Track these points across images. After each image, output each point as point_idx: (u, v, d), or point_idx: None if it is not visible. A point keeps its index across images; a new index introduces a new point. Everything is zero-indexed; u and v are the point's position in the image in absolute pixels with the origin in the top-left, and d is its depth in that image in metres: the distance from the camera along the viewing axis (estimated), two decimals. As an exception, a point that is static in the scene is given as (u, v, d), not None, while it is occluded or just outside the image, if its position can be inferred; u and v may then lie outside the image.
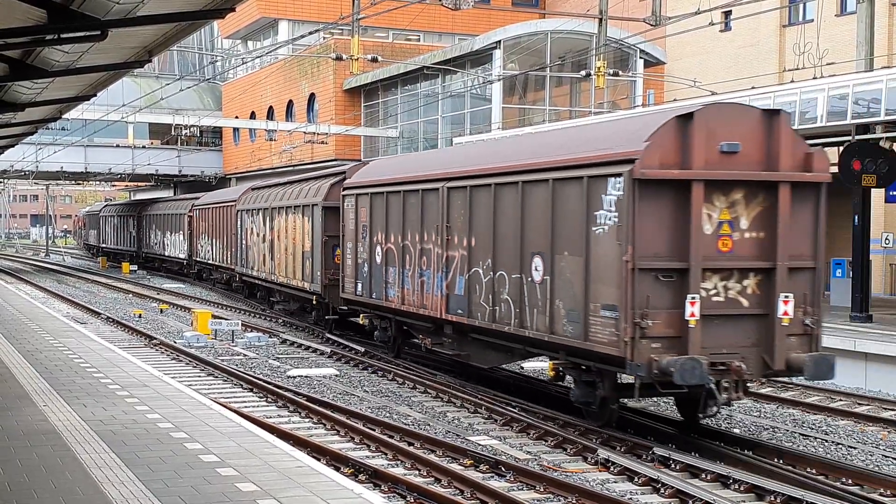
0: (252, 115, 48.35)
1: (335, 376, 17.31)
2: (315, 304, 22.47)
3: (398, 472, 10.45)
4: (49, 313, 21.45)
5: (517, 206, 13.09)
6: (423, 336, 16.83)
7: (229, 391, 15.57)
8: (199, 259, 37.91)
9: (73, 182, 70.21)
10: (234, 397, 14.92)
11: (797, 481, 9.99)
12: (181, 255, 41.10)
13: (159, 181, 60.22)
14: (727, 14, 32.86)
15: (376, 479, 10.08)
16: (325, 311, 22.00)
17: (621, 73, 30.98)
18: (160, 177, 55.51)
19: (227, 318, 24.15)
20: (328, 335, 21.83)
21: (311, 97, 43.35)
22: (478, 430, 13.01)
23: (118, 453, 8.17)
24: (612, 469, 10.84)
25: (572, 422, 13.12)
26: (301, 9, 45.90)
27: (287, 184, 25.98)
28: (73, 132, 45.41)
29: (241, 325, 23.04)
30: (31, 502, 6.73)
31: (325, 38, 42.59)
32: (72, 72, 10.26)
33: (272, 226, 25.70)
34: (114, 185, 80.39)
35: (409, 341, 18.24)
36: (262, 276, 26.99)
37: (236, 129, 51.04)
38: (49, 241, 79.57)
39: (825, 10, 30.21)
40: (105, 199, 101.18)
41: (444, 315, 15.37)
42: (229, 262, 32.16)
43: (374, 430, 12.49)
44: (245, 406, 13.99)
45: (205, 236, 36.57)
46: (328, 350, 20.20)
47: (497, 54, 33.29)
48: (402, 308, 16.94)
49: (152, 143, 56.01)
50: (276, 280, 25.40)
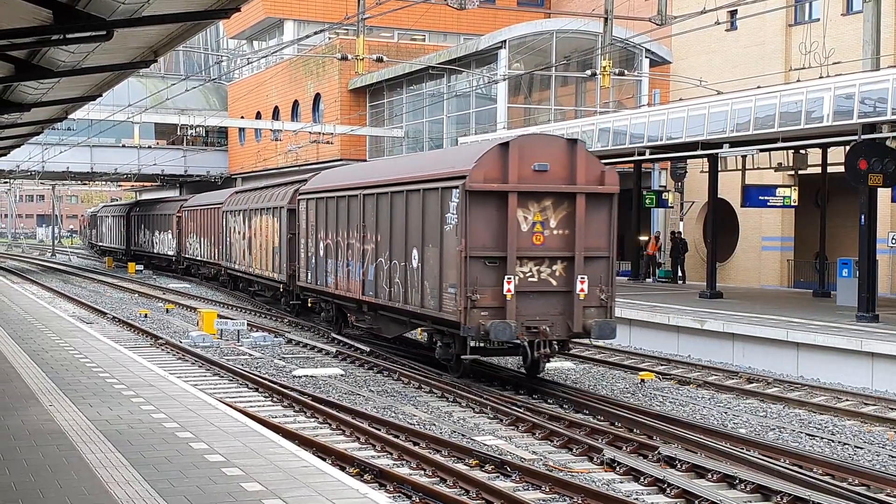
0: (258, 116, 48.38)
1: (341, 376, 17.31)
2: (282, 291, 26.02)
3: (404, 471, 10.44)
4: (55, 313, 21.48)
5: (403, 210, 16.84)
6: (350, 314, 20.61)
7: (235, 391, 15.57)
8: (187, 256, 40.90)
9: (79, 182, 70.32)
10: (240, 397, 14.93)
11: (803, 481, 9.96)
12: (170, 252, 44.34)
13: (165, 181, 60.30)
14: (733, 13, 32.80)
15: (382, 478, 10.08)
16: (290, 297, 25.25)
17: (627, 72, 30.94)
18: (166, 177, 55.60)
19: (232, 318, 24.17)
20: (334, 336, 21.87)
21: (317, 97, 43.37)
22: (483, 429, 13.00)
23: (124, 453, 8.17)
24: (617, 469, 10.82)
25: (579, 422, 13.12)
26: (306, 9, 45.91)
27: (264, 188, 29.47)
28: (79, 132, 45.52)
29: (247, 324, 23.06)
30: (37, 502, 6.73)
31: (330, 38, 42.59)
32: (77, 72, 10.26)
33: (250, 225, 29.26)
34: (120, 186, 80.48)
35: (348, 321, 21.32)
36: (242, 269, 30.74)
37: (242, 130, 51.07)
38: (55, 241, 79.74)
39: (831, 9, 30.14)
40: (111, 199, 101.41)
41: (361, 296, 19.13)
42: (216, 258, 35.11)
43: (379, 429, 12.48)
44: (251, 406, 14.00)
45: (193, 235, 39.62)
46: (334, 350, 20.20)
47: (502, 54, 33.26)
48: (337, 292, 20.72)
49: (158, 144, 56.11)
50: (253, 272, 29.09)
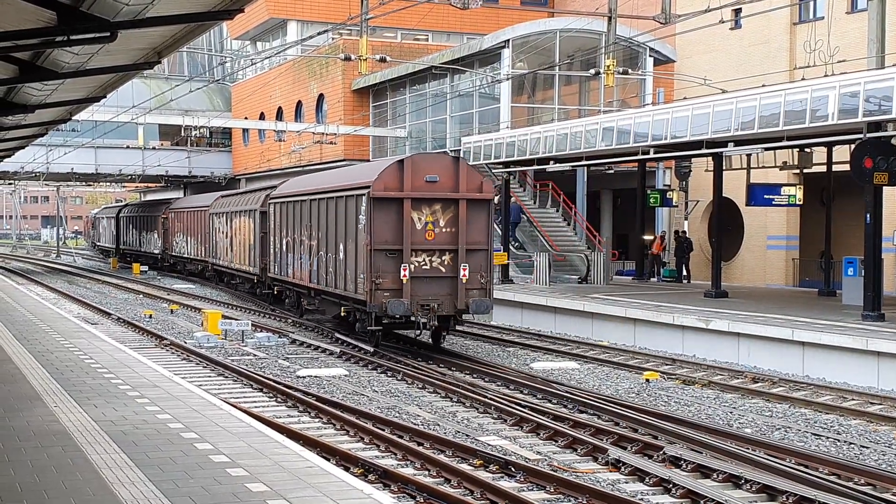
0: (261, 116, 48.40)
1: (345, 376, 17.32)
2: (256, 282, 30.59)
3: (408, 472, 10.44)
4: (60, 314, 21.51)
5: (333, 213, 20.96)
6: (303, 299, 24.54)
7: (239, 391, 15.59)
8: (173, 254, 45.18)
9: (83, 183, 70.40)
10: (245, 397, 14.94)
11: (809, 481, 9.95)
12: (155, 251, 48.84)
13: (169, 182, 60.38)
14: (737, 12, 32.77)
15: (386, 479, 10.08)
16: (263, 287, 29.45)
17: (631, 71, 30.92)
18: (170, 178, 55.66)
19: (236, 319, 24.20)
20: (338, 335, 21.90)
21: (320, 98, 43.39)
22: (488, 430, 13.00)
23: (129, 454, 8.18)
24: (622, 469, 10.82)
25: (583, 422, 13.11)
26: (310, 9, 45.93)
27: (243, 193, 34.28)
28: (84, 134, 45.59)
29: (251, 325, 23.09)
30: (42, 502, 6.74)
31: (333, 39, 42.60)
32: (82, 73, 10.26)
33: (231, 225, 33.42)
34: (124, 187, 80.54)
35: (307, 307, 24.63)
36: (225, 264, 34.89)
37: (246, 130, 51.10)
38: (59, 242, 79.83)
39: (836, 7, 30.09)
40: (115, 200, 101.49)
41: (309, 283, 23.15)
42: (203, 255, 39.34)
43: (383, 430, 12.48)
44: (255, 406, 14.01)
45: (179, 234, 43.76)
46: (337, 350, 20.22)
47: (506, 53, 33.26)
48: (294, 281, 24.63)
49: (162, 145, 56.13)
50: (233, 266, 33.25)
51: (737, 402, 15.33)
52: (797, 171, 28.31)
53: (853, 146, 20.02)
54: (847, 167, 20.25)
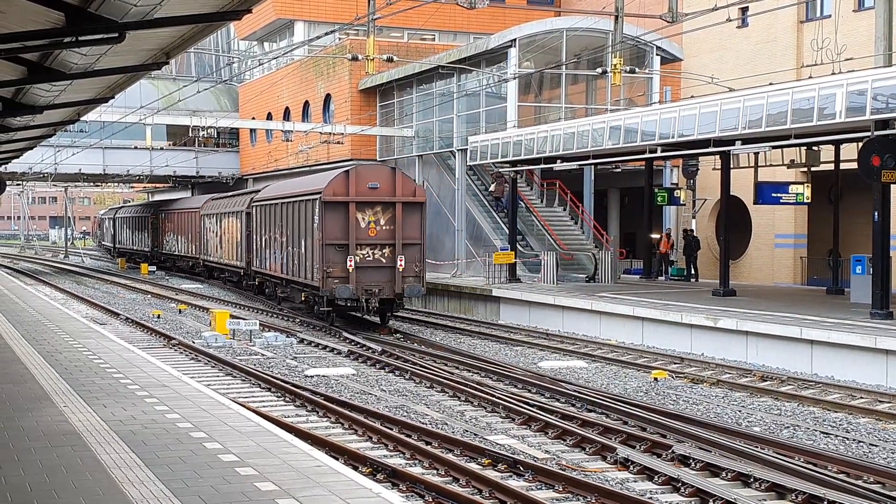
0: (269, 116, 48.43)
1: (353, 375, 17.33)
2: (242, 275, 34.54)
3: (416, 471, 10.44)
4: (68, 314, 21.56)
5: (297, 214, 25.52)
6: (278, 289, 28.74)
7: (248, 391, 15.61)
8: (164, 251, 49.95)
9: (91, 184, 70.52)
10: (253, 397, 14.97)
11: (818, 480, 9.92)
12: (145, 248, 54.23)
13: (177, 182, 60.43)
14: (744, 10, 32.68)
15: (394, 478, 10.08)
16: (249, 279, 33.53)
17: (638, 70, 30.87)
18: (178, 178, 55.69)
19: (245, 318, 24.24)
20: (345, 335, 21.92)
21: (327, 98, 43.40)
22: (496, 429, 12.99)
23: (138, 453, 8.19)
24: (631, 468, 10.80)
25: (592, 421, 13.10)
26: (317, 10, 45.95)
27: (230, 196, 38.56)
28: (92, 134, 45.65)
29: (259, 325, 23.12)
30: (52, 502, 6.76)
31: (340, 39, 42.62)
32: (90, 74, 10.28)
33: (221, 225, 37.48)
34: (132, 187, 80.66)
35: (285, 298, 28.82)
36: (215, 260, 39.07)
37: (253, 130, 51.13)
38: (68, 243, 80.00)
39: (843, 5, 30.00)
40: (123, 200, 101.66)
41: (281, 274, 27.46)
42: (193, 252, 43.54)
43: (391, 429, 12.49)
44: (263, 405, 14.03)
45: (170, 233, 48.35)
46: (345, 349, 20.25)
47: (512, 53, 33.23)
48: (271, 273, 28.80)
49: (170, 145, 56.20)
50: (223, 262, 37.41)
51: (745, 400, 15.30)
52: (805, 169, 28.22)
53: (861, 144, 19.96)
54: (855, 165, 20.18)
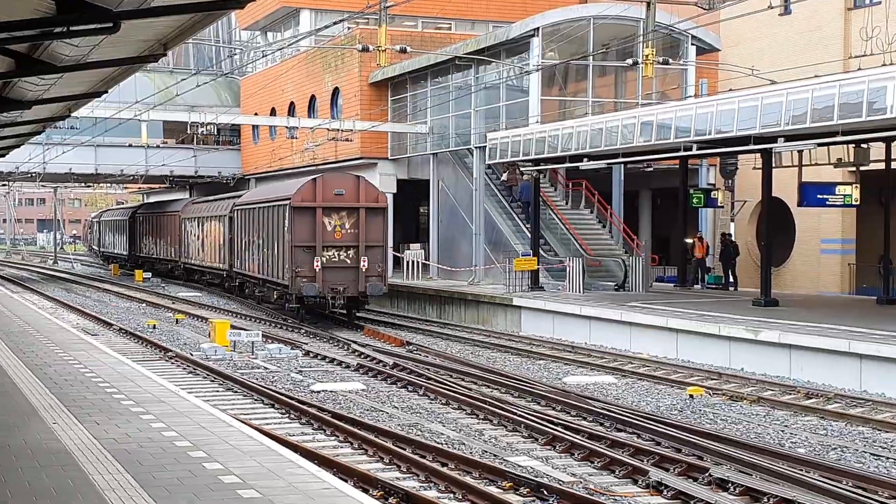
0: (272, 112, 48.61)
1: (362, 391, 17.35)
2: (225, 277, 38.30)
3: (431, 494, 10.44)
4: (58, 324, 21.69)
5: (271, 218, 29.75)
6: (256, 288, 32.93)
7: (250, 407, 15.66)
8: (142, 255, 54.42)
9: (82, 184, 70.90)
10: (255, 413, 15.01)
11: (868, 506, 9.86)
12: (123, 253, 59.63)
13: (174, 183, 60.61)
14: (786, -4, 32.57)
15: (408, 502, 10.08)
16: (231, 281, 37.12)
17: (671, 61, 30.78)
18: (175, 178, 55.91)
19: (246, 329, 24.31)
20: (355, 348, 21.96)
21: (335, 92, 43.52)
22: (517, 449, 12.98)
23: (133, 474, 8.23)
24: (665, 493, 10.76)
25: (622, 441, 13.06)
26: (324, -4, 46.09)
27: (212, 201, 42.22)
28: (83, 131, 45.92)
29: (262, 336, 23.18)
30: (41, 526, 6.79)
31: (349, 29, 42.74)
32: (82, 67, 10.33)
33: (203, 228, 41.31)
34: (126, 188, 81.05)
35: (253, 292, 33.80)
36: (197, 263, 43.00)
37: (255, 127, 51.33)
38: (57, 248, 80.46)
39: (894, -10, 29.85)
40: (116, 202, 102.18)
41: (258, 275, 31.76)
42: (173, 255, 47.42)
43: (404, 449, 12.49)
44: (267, 423, 14.06)
45: (149, 236, 53.10)
46: (354, 363, 20.28)
47: (535, 42, 33.21)
48: (250, 273, 33.01)
49: (167, 143, 56.50)
50: (205, 265, 41.40)
51: (788, 419, 15.23)
52: (853, 168, 28.08)
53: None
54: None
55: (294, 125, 40.80)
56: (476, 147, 34.79)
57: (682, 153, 26.03)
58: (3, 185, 69.11)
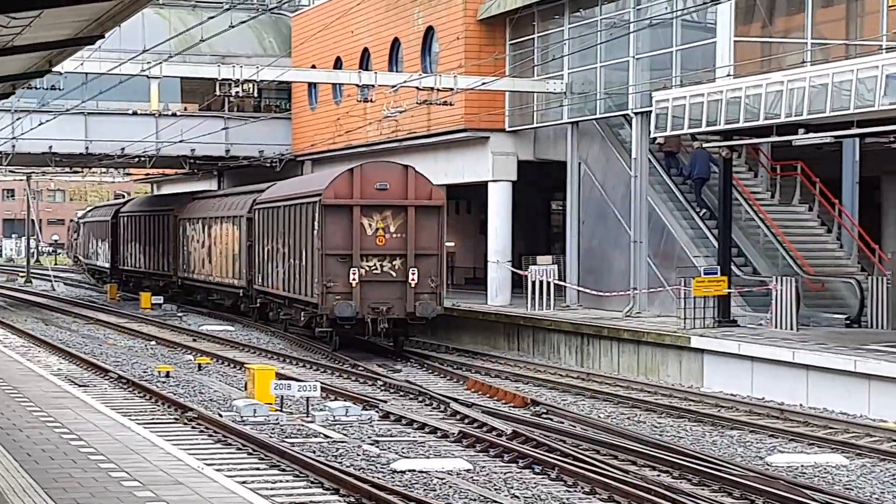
0: (337, 63, 49.06)
1: (466, 472, 17.35)
2: (241, 296, 42.17)
3: None
4: (32, 370, 22.19)
5: (297, 219, 33.25)
6: (281, 309, 36.91)
7: (304, 492, 15.78)
8: (125, 267, 60.20)
9: (67, 169, 72.36)
10: (313, 502, 15.12)
11: None
12: (104, 265, 65.24)
13: (197, 167, 61.30)
14: None
15: None
16: (250, 301, 40.95)
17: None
18: (198, 160, 56.45)
19: (298, 380, 24.55)
20: (456, 408, 21.97)
21: (429, 33, 43.74)
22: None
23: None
24: None
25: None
26: None
27: (221, 196, 46.58)
28: (69, 94, 46.75)
29: (321, 388, 23.38)
30: None
31: (450, -60, 42.91)
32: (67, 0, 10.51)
33: (209, 233, 45.50)
34: (129, 174, 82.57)
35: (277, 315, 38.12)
36: (200, 278, 47.44)
37: (313, 86, 51.84)
38: (31, 259, 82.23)
39: None
40: (115, 194, 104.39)
41: (283, 292, 35.61)
42: (164, 268, 52.41)
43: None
44: (328, 517, 14.16)
45: (133, 243, 58.61)
46: (455, 430, 20.29)
47: (725, -43, 32.89)
48: (274, 291, 36.93)
49: (186, 109, 57.32)
50: (212, 280, 45.62)
51: None
52: None
53: None
54: None
55: (368, 82, 41.09)
56: (636, 112, 34.55)
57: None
58: (-44, 170, 70.27)
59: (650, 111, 32.37)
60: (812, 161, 34.23)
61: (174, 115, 53.46)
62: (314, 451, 18.50)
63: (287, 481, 16.53)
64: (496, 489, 16.32)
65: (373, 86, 40.89)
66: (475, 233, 51.11)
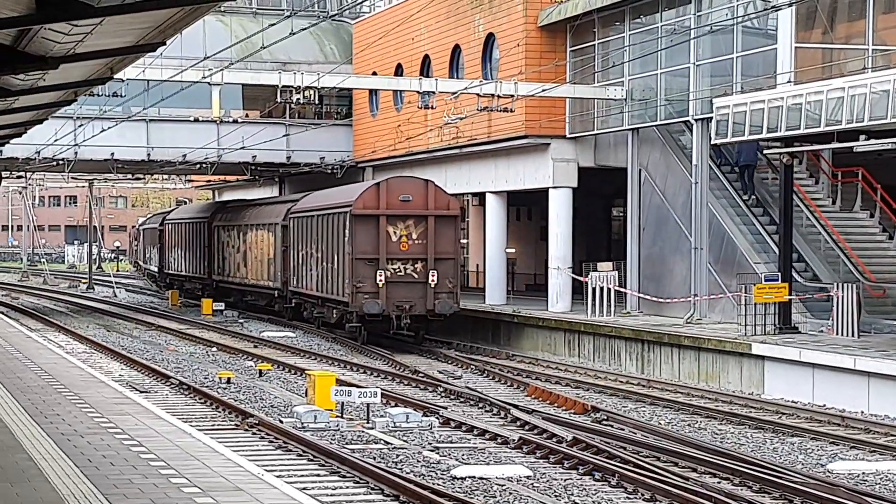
0: (398, 70, 49.14)
1: (527, 478, 17.31)
2: (276, 297, 45.96)
3: None
4: (93, 376, 22.31)
5: (329, 227, 38.55)
6: (314, 308, 41.33)
7: (364, 499, 15.79)
8: (170, 271, 64.08)
9: (129, 176, 72.88)
10: (371, 510, 15.16)
11: None
12: (154, 269, 69.44)
13: (258, 174, 61.71)
14: None
15: None
16: (284, 301, 45.15)
17: None
18: (259, 167, 56.74)
19: (358, 386, 24.59)
20: (516, 415, 21.92)
21: (489, 40, 43.74)
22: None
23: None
24: None
25: None
26: None
27: (256, 206, 51.03)
28: (131, 101, 47.11)
29: (381, 395, 23.40)
30: None
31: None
32: (129, 8, 10.53)
33: (244, 238, 50.20)
34: (190, 181, 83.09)
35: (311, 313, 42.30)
36: (235, 281, 51.95)
37: (374, 93, 51.97)
38: (93, 266, 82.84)
39: None
40: (177, 200, 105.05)
41: (316, 292, 39.93)
42: (201, 272, 56.76)
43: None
44: (388, 524, 14.16)
45: (177, 248, 62.75)
46: (515, 437, 20.26)
47: (786, -38, 32.71)
48: (308, 292, 41.36)
49: (247, 116, 57.62)
50: (247, 282, 50.13)
51: None
52: None
53: None
54: None
55: (429, 89, 41.13)
56: (697, 119, 34.41)
57: None
58: (20, 176, 70.24)
59: (710, 118, 32.25)
60: (873, 167, 33.97)
61: (235, 121, 53.72)
62: (374, 458, 18.51)
63: (347, 487, 16.58)
64: (556, 496, 16.27)
65: (433, 92, 40.96)
66: (536, 239, 51.08)
